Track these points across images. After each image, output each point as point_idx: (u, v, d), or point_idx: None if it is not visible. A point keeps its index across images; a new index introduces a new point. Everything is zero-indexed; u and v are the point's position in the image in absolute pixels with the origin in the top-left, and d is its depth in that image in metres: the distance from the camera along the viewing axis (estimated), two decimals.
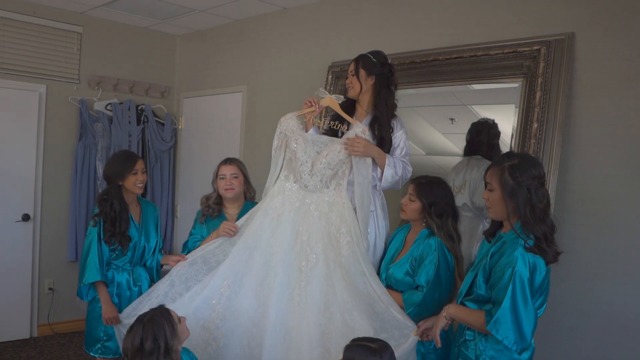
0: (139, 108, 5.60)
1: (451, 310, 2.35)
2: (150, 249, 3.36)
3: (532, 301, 2.12)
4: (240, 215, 3.24)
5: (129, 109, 5.48)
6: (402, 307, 2.63)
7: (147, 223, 3.37)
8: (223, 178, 3.29)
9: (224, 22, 5.37)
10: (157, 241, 3.39)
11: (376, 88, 3.03)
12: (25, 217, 5.01)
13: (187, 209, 5.70)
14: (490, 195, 2.28)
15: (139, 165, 3.27)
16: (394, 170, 2.90)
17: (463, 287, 2.38)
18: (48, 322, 5.18)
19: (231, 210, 3.36)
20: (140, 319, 2.37)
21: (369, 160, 2.86)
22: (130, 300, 3.12)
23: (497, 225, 2.36)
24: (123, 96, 5.54)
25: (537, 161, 2.30)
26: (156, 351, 2.26)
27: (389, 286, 2.75)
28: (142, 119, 5.59)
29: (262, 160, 4.70)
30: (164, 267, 3.30)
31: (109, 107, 5.39)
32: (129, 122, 5.47)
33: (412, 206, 2.70)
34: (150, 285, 3.19)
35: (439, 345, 2.39)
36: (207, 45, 5.67)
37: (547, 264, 2.17)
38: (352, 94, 3.06)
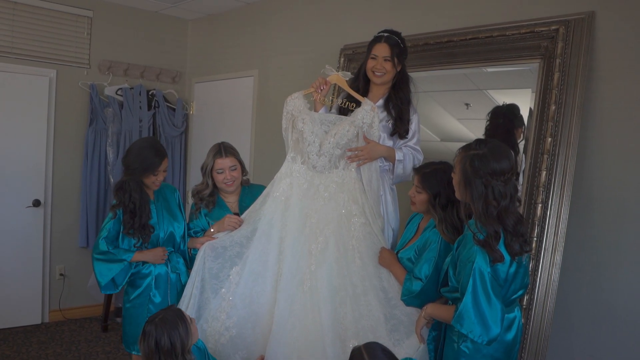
0: (150, 93, 5.55)
1: (429, 310, 2.39)
2: (180, 234, 3.13)
3: (495, 293, 2.10)
4: (240, 201, 3.17)
5: (140, 94, 5.44)
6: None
7: (169, 207, 3.16)
8: (221, 172, 3.10)
9: (235, 6, 5.29)
10: (184, 225, 3.15)
11: (399, 72, 2.99)
12: (36, 203, 5.00)
13: None
14: (454, 177, 2.29)
15: (163, 166, 3.07)
16: (402, 166, 2.87)
17: (442, 276, 2.40)
18: (59, 307, 5.19)
19: (230, 197, 3.21)
20: (151, 320, 2.33)
21: (376, 139, 2.82)
22: (170, 289, 3.07)
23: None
24: (134, 81, 5.50)
25: (505, 155, 2.18)
26: (173, 351, 2.23)
27: None
28: (153, 104, 5.54)
29: (274, 144, 4.64)
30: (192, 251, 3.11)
31: (119, 92, 5.35)
32: (140, 108, 5.43)
33: (419, 198, 2.59)
34: (188, 272, 3.06)
35: (421, 342, 2.42)
36: (219, 30, 5.60)
37: (492, 262, 2.12)
38: (384, 79, 2.96)
